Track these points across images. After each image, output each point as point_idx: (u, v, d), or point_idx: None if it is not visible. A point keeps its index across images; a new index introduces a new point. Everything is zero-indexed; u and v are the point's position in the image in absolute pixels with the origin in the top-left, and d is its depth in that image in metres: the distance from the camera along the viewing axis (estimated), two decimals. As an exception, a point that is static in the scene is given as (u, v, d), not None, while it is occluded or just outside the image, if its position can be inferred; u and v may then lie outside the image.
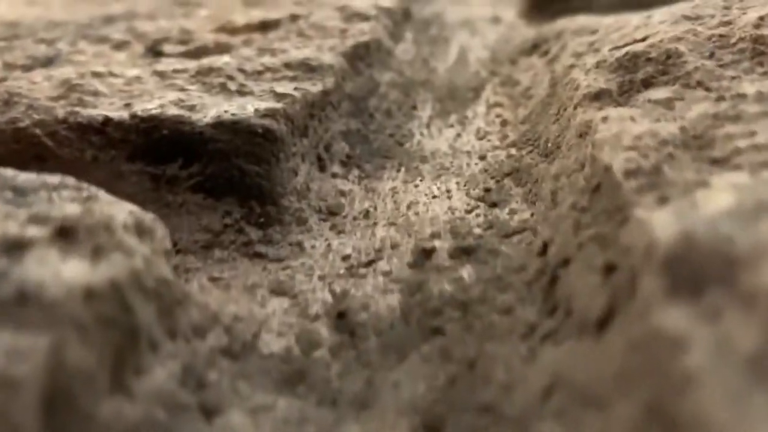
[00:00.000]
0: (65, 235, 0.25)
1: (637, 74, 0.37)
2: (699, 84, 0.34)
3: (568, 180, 0.33)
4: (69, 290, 0.22)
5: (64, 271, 0.23)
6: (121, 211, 0.28)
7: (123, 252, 0.25)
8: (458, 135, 0.45)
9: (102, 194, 0.30)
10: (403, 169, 0.42)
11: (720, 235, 0.21)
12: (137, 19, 0.57)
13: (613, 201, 0.27)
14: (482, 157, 0.42)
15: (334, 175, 0.42)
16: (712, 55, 0.36)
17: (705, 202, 0.23)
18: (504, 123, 0.46)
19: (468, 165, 0.42)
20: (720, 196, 0.24)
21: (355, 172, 0.42)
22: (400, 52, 0.55)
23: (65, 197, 0.29)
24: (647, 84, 0.36)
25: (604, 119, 0.33)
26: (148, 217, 0.30)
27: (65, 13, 0.62)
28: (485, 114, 0.48)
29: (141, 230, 0.28)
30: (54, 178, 0.30)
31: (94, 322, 0.22)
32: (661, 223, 0.23)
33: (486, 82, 0.52)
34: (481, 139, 0.45)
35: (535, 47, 0.53)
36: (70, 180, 0.31)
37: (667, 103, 0.33)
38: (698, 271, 0.20)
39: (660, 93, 0.34)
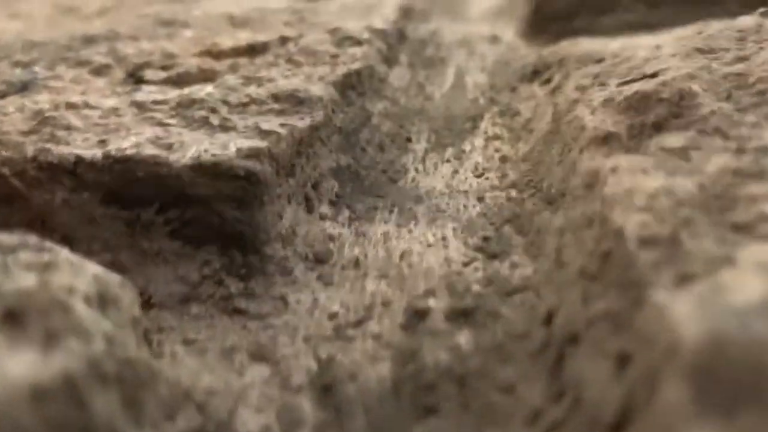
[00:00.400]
0: (14, 319, 0.22)
1: (648, 116, 0.34)
2: (716, 131, 0.31)
3: (574, 237, 0.31)
4: (13, 391, 0.20)
5: (9, 367, 0.20)
6: (83, 278, 0.26)
7: (80, 336, 0.23)
8: (455, 171, 0.43)
9: (63, 256, 0.27)
10: (396, 210, 0.40)
11: (754, 338, 0.18)
12: (119, 40, 0.54)
13: (627, 274, 0.25)
14: (480, 199, 0.40)
15: (323, 217, 0.39)
16: (728, 97, 0.34)
17: (732, 288, 0.21)
18: (503, 159, 0.43)
19: (465, 207, 0.39)
20: (749, 282, 0.21)
21: (345, 213, 0.40)
22: (394, 77, 0.52)
23: (22, 263, 0.26)
24: (659, 127, 0.33)
25: (614, 170, 0.31)
26: (115, 282, 0.27)
27: (47, 28, 0.59)
28: (483, 148, 0.45)
29: (105, 300, 0.26)
30: (12, 239, 0.27)
31: (42, 427, 0.20)
32: (684, 315, 0.20)
33: (484, 111, 0.49)
34: (479, 176, 0.42)
35: (535, 74, 0.50)
36: (32, 239, 0.28)
37: (683, 153, 0.31)
38: (730, 384, 0.18)
39: (674, 140, 0.32)
